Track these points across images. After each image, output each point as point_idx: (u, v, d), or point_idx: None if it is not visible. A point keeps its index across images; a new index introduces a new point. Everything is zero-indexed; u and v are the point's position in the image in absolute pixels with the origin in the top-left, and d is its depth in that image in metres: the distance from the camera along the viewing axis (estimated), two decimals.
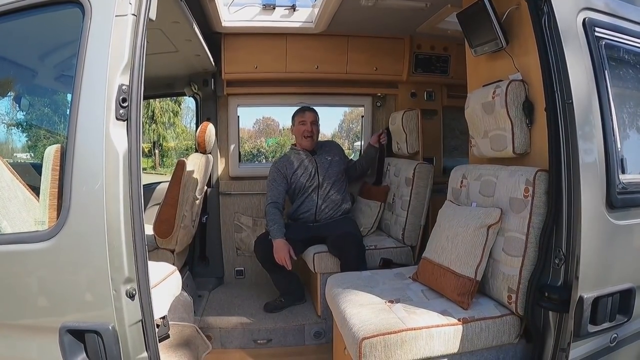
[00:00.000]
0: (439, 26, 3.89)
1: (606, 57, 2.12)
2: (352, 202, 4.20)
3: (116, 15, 1.68)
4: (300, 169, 3.95)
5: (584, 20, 2.08)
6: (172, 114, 32.77)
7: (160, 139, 32.54)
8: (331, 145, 4.21)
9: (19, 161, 2.32)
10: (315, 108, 4.10)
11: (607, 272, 2.05)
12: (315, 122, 4.04)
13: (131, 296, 1.64)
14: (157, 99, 29.84)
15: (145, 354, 1.71)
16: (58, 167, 1.76)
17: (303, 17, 4.05)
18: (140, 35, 1.70)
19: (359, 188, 4.47)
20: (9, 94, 2.28)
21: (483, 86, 2.60)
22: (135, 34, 1.69)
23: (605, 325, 2.04)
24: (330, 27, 3.97)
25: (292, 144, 4.20)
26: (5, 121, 2.30)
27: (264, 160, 25.94)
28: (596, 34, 2.10)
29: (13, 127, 2.35)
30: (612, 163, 2.01)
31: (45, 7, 1.84)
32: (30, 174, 1.99)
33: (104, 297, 1.63)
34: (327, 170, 3.96)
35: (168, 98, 30.34)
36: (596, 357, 2.11)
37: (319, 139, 4.15)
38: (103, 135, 1.62)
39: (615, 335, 2.15)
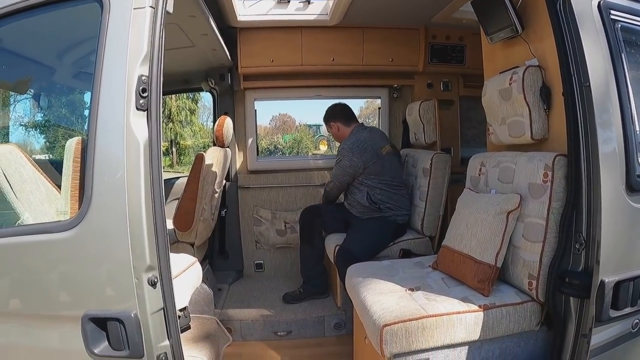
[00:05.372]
0: (454, 15, 3.88)
1: (622, 40, 2.09)
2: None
3: (134, 8, 1.70)
4: None
5: (599, 3, 2.04)
6: (188, 112, 32.84)
7: (178, 138, 32.66)
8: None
9: (41, 156, 2.35)
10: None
11: (629, 256, 2.02)
12: (329, 130, 4.11)
13: (153, 284, 1.66)
14: (174, 98, 29.98)
15: (167, 342, 1.73)
16: (79, 159, 1.78)
17: (318, 9, 4.06)
18: (159, 26, 1.72)
19: None
20: (30, 89, 2.31)
21: (500, 73, 2.58)
22: (153, 25, 1.71)
23: (627, 310, 2.01)
24: (345, 19, 3.97)
25: None
26: (26, 115, 2.34)
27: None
28: (612, 16, 2.07)
29: (34, 122, 2.39)
30: (631, 145, 1.97)
31: (65, 2, 1.87)
32: (52, 169, 2.02)
33: (126, 285, 1.64)
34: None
35: (185, 96, 30.49)
36: (618, 342, 2.09)
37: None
38: (123, 126, 1.63)
39: (637, 320, 2.12)
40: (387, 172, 3.72)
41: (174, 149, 32.45)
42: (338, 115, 4.01)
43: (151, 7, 1.71)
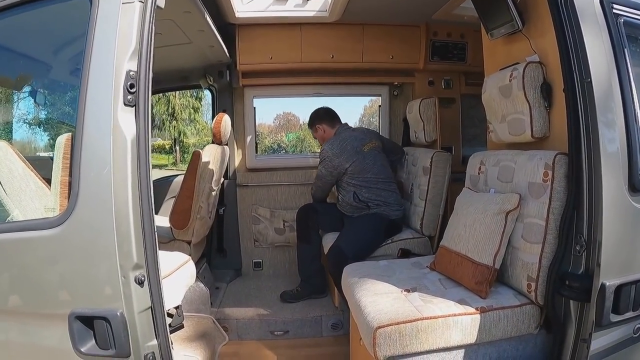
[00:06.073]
0: (455, 12, 3.83)
1: (625, 35, 2.03)
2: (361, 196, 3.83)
3: (123, 3, 1.68)
4: None
5: None
6: (192, 111, 32.97)
7: (181, 136, 32.79)
8: None
9: (31, 152, 2.33)
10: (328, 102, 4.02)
11: (631, 259, 1.96)
12: (314, 134, 4.15)
13: (140, 283, 1.63)
14: (177, 96, 30.14)
15: (154, 342, 1.70)
16: (69, 156, 1.76)
17: (317, 6, 4.01)
18: (148, 21, 1.70)
19: None
20: (19, 85, 2.30)
21: (500, 69, 2.54)
22: (142, 20, 1.69)
23: (629, 314, 1.96)
24: (344, 16, 3.93)
25: None
26: (15, 111, 2.32)
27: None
28: (614, 10, 2.02)
29: (23, 118, 2.37)
30: (634, 144, 1.92)
31: None
32: (44, 166, 2.01)
33: (112, 283, 1.62)
34: None
35: (188, 94, 30.65)
36: (619, 348, 2.04)
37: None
38: (111, 121, 1.62)
39: (639, 325, 2.07)
40: (370, 169, 3.70)
41: (177, 147, 32.61)
42: (322, 117, 4.04)
43: (140, 1, 1.70)
